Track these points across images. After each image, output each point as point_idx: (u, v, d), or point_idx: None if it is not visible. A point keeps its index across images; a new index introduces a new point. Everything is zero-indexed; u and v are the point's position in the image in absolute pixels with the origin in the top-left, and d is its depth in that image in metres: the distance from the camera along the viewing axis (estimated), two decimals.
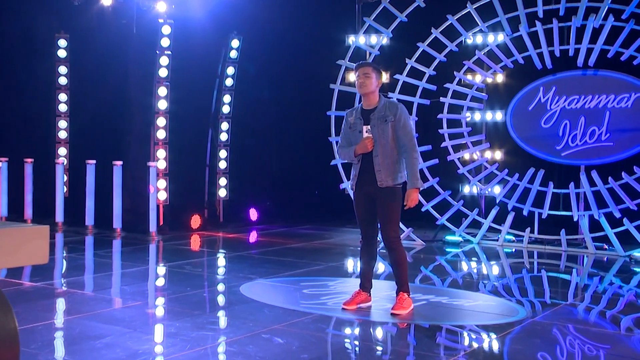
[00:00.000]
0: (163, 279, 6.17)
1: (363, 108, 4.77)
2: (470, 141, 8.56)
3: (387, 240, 4.74)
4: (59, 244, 8.08)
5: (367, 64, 4.74)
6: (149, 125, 8.87)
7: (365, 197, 4.75)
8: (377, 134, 4.65)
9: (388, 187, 4.66)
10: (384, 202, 4.66)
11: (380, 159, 4.65)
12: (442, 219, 8.49)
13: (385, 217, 4.68)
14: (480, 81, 8.54)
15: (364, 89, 4.68)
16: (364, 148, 4.65)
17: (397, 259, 4.78)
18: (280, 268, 6.51)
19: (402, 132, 4.64)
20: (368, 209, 4.77)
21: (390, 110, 4.67)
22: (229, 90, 9.72)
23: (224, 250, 7.98)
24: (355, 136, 4.74)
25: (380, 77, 4.74)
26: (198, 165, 9.61)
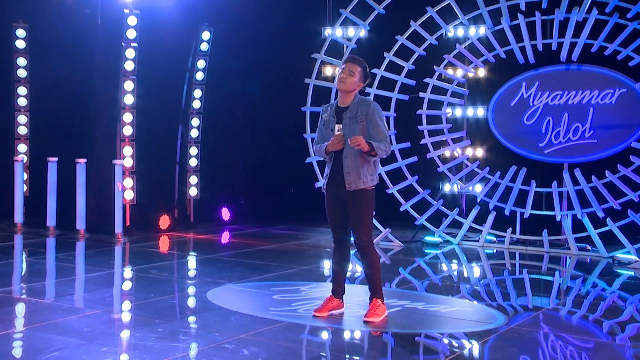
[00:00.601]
0: (126, 285, 6.07)
1: (338, 105, 4.71)
2: (450, 138, 8.53)
3: (359, 244, 4.69)
4: (18, 246, 7.92)
5: (358, 62, 4.63)
6: (114, 121, 8.72)
7: (336, 199, 4.70)
8: (348, 134, 4.60)
9: (358, 190, 4.59)
10: (354, 205, 4.62)
11: (349, 161, 4.59)
12: (421, 218, 8.47)
13: (357, 221, 4.63)
14: (461, 76, 8.52)
15: (342, 85, 4.60)
16: (333, 146, 4.60)
17: (370, 264, 4.73)
18: (251, 272, 6.44)
19: (374, 131, 4.58)
20: (339, 211, 4.71)
21: (361, 108, 4.61)
22: (199, 85, 9.60)
23: (193, 252, 7.89)
24: (329, 134, 4.70)
25: (365, 80, 4.65)
26: (167, 163, 9.48)
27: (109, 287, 5.79)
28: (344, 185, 4.60)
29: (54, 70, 9.00)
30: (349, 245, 4.84)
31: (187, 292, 5.63)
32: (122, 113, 8.67)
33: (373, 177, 4.67)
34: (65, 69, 8.95)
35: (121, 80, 8.62)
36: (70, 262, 7.01)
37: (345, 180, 4.59)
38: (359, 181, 4.60)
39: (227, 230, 9.47)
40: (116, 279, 6.27)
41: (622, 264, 7.28)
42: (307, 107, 8.72)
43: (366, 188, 4.63)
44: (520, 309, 5.41)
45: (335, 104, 4.74)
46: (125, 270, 6.73)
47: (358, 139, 4.42)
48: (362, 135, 4.56)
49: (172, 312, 4.91)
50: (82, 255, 7.48)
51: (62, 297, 5.36)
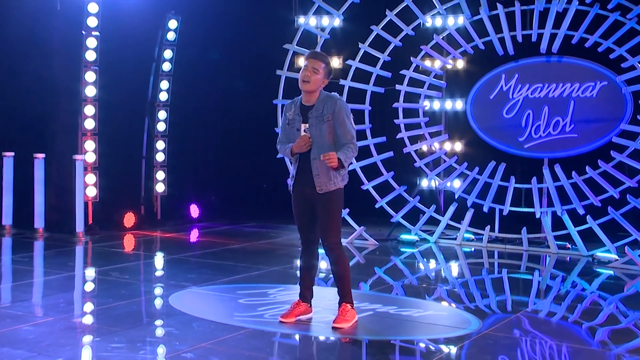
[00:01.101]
0: (84, 289, 5.92)
1: (302, 103, 4.62)
2: (427, 132, 8.49)
3: (328, 246, 4.63)
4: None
5: (320, 58, 4.55)
6: (75, 114, 8.54)
7: (303, 200, 4.64)
8: (315, 135, 4.53)
9: (328, 191, 4.53)
10: (323, 206, 4.56)
11: (318, 162, 4.53)
12: (397, 216, 8.43)
13: (326, 222, 4.57)
14: (438, 68, 8.48)
15: (306, 85, 4.52)
16: (299, 148, 4.54)
17: (338, 267, 4.67)
18: (218, 273, 6.34)
19: (341, 130, 4.51)
20: (307, 213, 4.65)
21: (328, 106, 4.52)
22: (166, 76, 9.45)
23: (159, 252, 7.77)
24: (293, 133, 4.62)
25: (329, 76, 4.58)
26: (132, 158, 9.34)
27: (65, 291, 5.64)
28: (314, 186, 4.53)
29: (10, 58, 8.77)
30: (317, 248, 4.78)
31: (149, 297, 5.52)
32: (83, 105, 8.49)
33: (344, 177, 4.62)
34: (22, 57, 8.73)
35: (82, 71, 8.44)
36: (25, 264, 6.84)
37: (315, 183, 4.52)
38: (330, 183, 4.54)
39: (196, 228, 9.36)
40: (74, 282, 6.11)
41: (602, 262, 7.29)
42: (279, 99, 8.62)
43: (336, 189, 4.57)
44: (497, 312, 5.38)
45: (299, 102, 4.65)
46: (84, 272, 6.58)
47: (331, 156, 4.35)
48: (329, 135, 4.50)
49: (130, 319, 4.79)
50: (40, 256, 7.33)
51: (14, 303, 5.22)
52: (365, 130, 8.49)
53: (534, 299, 5.88)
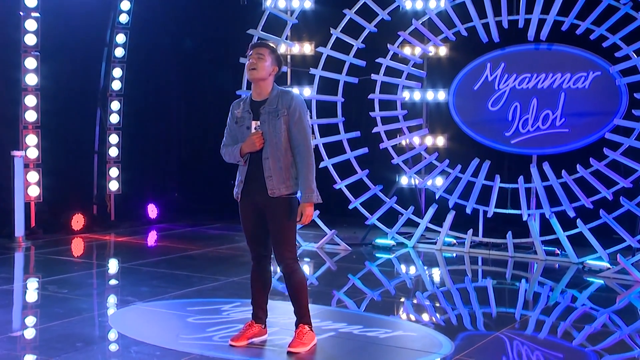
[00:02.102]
0: (12, 306, 5.65)
1: (252, 99, 4.47)
2: (406, 126, 8.36)
3: (282, 262, 4.46)
4: None
5: (263, 45, 4.49)
6: (14, 105, 8.26)
7: (253, 209, 4.46)
8: (268, 132, 4.38)
9: (281, 197, 4.35)
10: (275, 215, 4.38)
11: (271, 162, 4.36)
12: (372, 218, 8.28)
13: (279, 234, 4.40)
14: (418, 56, 8.32)
15: (254, 73, 4.38)
16: (251, 146, 4.37)
17: (293, 286, 4.51)
18: (169, 285, 6.15)
19: (296, 128, 4.37)
20: (258, 224, 4.48)
21: (283, 101, 4.40)
22: (119, 63, 9.22)
23: (107, 260, 7.56)
24: (243, 132, 4.46)
25: (278, 64, 4.45)
26: (82, 154, 9.12)
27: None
28: (265, 191, 4.37)
29: None
30: (270, 263, 4.61)
31: (86, 315, 5.27)
32: (23, 95, 8.22)
33: (297, 180, 4.45)
34: None
35: (21, 57, 8.13)
36: None
37: (267, 186, 4.36)
38: (283, 186, 4.37)
39: (154, 230, 9.18)
40: (2, 298, 5.82)
41: (593, 271, 7.15)
42: (243, 90, 8.39)
43: (290, 195, 4.39)
44: (474, 330, 5.21)
45: (248, 98, 4.51)
46: (16, 286, 6.31)
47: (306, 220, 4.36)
48: (284, 132, 4.34)
49: (60, 344, 4.54)
50: None
51: None
52: (338, 124, 8.34)
53: (519, 313, 5.73)
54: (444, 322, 5.40)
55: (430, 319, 5.52)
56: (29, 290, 6.11)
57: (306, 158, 4.35)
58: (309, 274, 7.24)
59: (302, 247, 7.99)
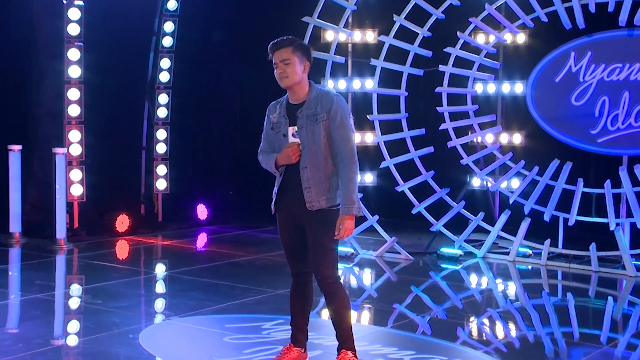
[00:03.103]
0: (39, 319, 5.61)
1: (289, 102, 4.34)
2: (477, 122, 8.14)
3: (322, 281, 4.31)
4: None
5: (283, 45, 4.25)
6: (58, 99, 8.35)
7: (291, 222, 4.34)
8: (307, 138, 4.23)
9: (321, 209, 4.20)
10: (315, 230, 4.24)
11: (309, 172, 4.22)
12: (437, 224, 8.08)
13: (318, 250, 4.26)
14: (491, 45, 8.08)
15: (286, 82, 4.25)
16: (286, 159, 4.25)
17: (335, 308, 4.34)
18: (210, 297, 6.09)
19: (338, 134, 4.21)
20: (296, 238, 4.35)
21: (322, 104, 4.23)
22: (167, 53, 9.21)
23: (148, 266, 7.56)
24: (279, 140, 4.33)
25: (307, 57, 4.27)
26: (128, 150, 9.18)
27: (17, 323, 5.43)
28: (303, 204, 4.22)
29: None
30: (311, 281, 4.46)
31: (117, 331, 5.22)
32: (66, 89, 8.30)
33: (339, 192, 4.28)
34: (1, 28, 8.63)
35: (64, 47, 8.22)
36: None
37: (305, 198, 4.22)
38: (323, 198, 4.22)
39: (203, 232, 9.18)
40: (32, 310, 5.85)
41: None
42: None
43: (332, 207, 4.24)
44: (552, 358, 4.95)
45: (285, 101, 4.37)
46: (51, 294, 6.32)
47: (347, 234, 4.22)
48: (324, 139, 4.19)
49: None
50: (5, 271, 7.14)
51: None
52: (401, 120, 8.16)
53: (605, 336, 5.48)
54: (517, 347, 5.17)
55: (499, 344, 5.27)
56: (63, 300, 6.13)
57: (348, 166, 4.19)
58: (367, 284, 7.14)
59: (359, 255, 7.85)
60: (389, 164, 8.12)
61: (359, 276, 7.36)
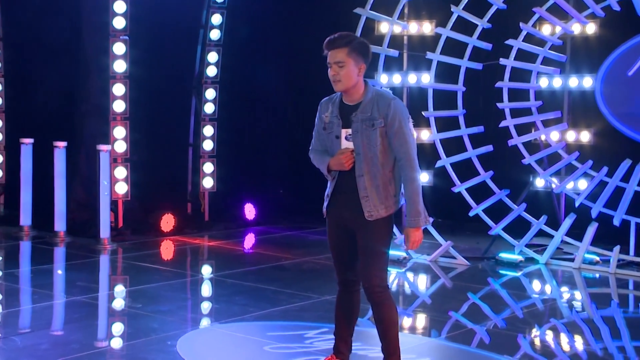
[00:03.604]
0: (79, 323, 5.66)
1: (343, 102, 4.26)
2: (540, 119, 7.96)
3: (370, 289, 4.23)
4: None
5: (338, 44, 4.13)
6: (102, 94, 8.46)
7: (341, 227, 4.28)
8: (362, 144, 4.15)
9: (380, 219, 4.16)
10: (367, 236, 4.17)
11: (367, 180, 4.15)
12: (496, 227, 7.92)
13: (368, 256, 4.19)
14: (557, 36, 7.88)
15: (339, 86, 4.16)
16: (339, 166, 4.19)
17: (382, 319, 4.25)
18: (253, 303, 6.07)
19: (397, 140, 4.13)
20: (346, 244, 4.29)
21: (379, 108, 4.14)
22: (215, 46, 9.22)
23: (191, 269, 7.57)
24: (332, 142, 4.26)
25: (363, 58, 4.16)
26: (174, 147, 9.22)
27: (53, 326, 5.49)
28: (359, 211, 4.17)
29: (35, 25, 8.81)
30: (359, 290, 4.39)
31: (155, 337, 5.23)
32: (111, 84, 8.39)
33: (397, 198, 4.25)
34: (47, 24, 8.77)
35: (110, 42, 8.31)
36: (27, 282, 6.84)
37: (364, 208, 4.16)
38: (382, 207, 4.17)
39: (250, 233, 9.21)
40: (70, 313, 5.94)
41: None
42: None
43: (389, 215, 4.21)
44: None
45: (338, 99, 4.28)
46: (92, 296, 6.38)
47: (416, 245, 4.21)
48: (380, 145, 4.11)
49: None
50: (49, 272, 7.26)
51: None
52: (458, 117, 8.04)
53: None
54: None
55: (565, 359, 5.14)
56: (103, 303, 6.19)
57: (410, 174, 4.12)
58: (420, 291, 7.06)
59: (412, 260, 7.76)
60: (445, 163, 8.00)
61: (412, 282, 7.28)
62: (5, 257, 7.91)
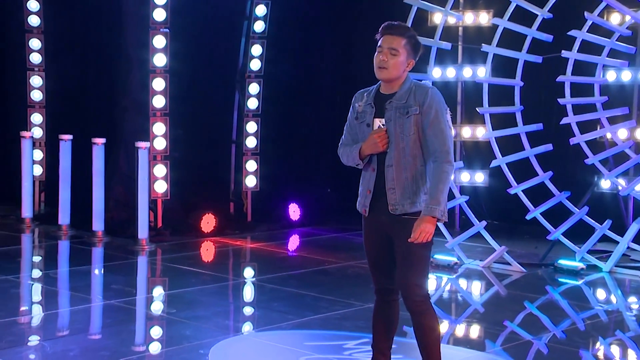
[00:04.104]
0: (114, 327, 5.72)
1: (379, 91, 4.22)
2: (606, 116, 7.77)
3: (409, 299, 4.12)
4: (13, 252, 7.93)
5: (397, 32, 4.12)
6: (142, 89, 8.52)
7: (377, 230, 4.20)
8: (394, 133, 4.09)
9: (405, 215, 4.05)
10: (402, 239, 4.06)
11: (395, 171, 4.07)
12: (556, 232, 7.75)
13: (406, 263, 4.09)
14: (626, 26, 7.68)
15: (383, 73, 4.11)
16: (373, 146, 4.10)
17: (422, 330, 4.14)
18: (292, 310, 6.04)
19: (432, 131, 4.05)
20: (382, 248, 4.21)
21: (416, 97, 4.08)
22: (259, 39, 9.23)
23: (230, 272, 7.57)
24: (363, 131, 4.21)
25: (414, 55, 4.14)
26: (216, 144, 9.28)
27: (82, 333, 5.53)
28: (387, 207, 4.08)
29: (75, 16, 8.95)
30: (397, 298, 4.30)
31: (187, 345, 5.22)
32: (151, 78, 8.44)
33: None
34: (87, 17, 8.89)
35: (149, 34, 8.36)
36: (62, 283, 6.92)
37: (388, 200, 4.08)
38: (407, 202, 4.07)
39: (295, 234, 9.21)
40: (103, 316, 6.00)
41: None
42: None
43: (420, 214, 4.05)
44: None
45: (375, 90, 4.24)
46: (127, 300, 6.40)
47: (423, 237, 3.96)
48: (414, 135, 4.04)
49: None
50: (85, 273, 7.33)
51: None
52: (515, 114, 7.90)
53: None
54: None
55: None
56: (138, 308, 6.22)
57: (441, 166, 4.00)
58: (472, 299, 6.94)
59: (463, 265, 7.63)
60: (500, 162, 7.86)
61: (463, 289, 7.17)
62: (44, 257, 8.04)
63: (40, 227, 8.93)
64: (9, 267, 7.23)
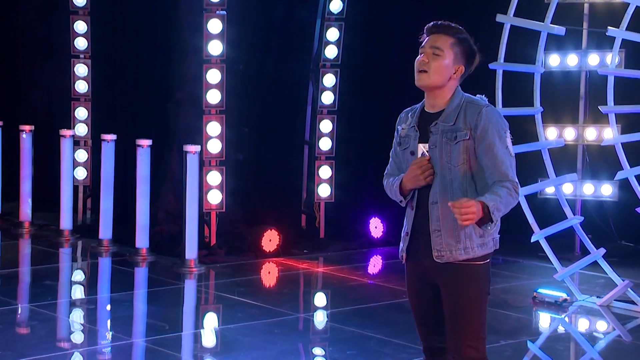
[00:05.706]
0: None
1: (424, 110, 4.08)
2: None
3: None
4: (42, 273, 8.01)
5: (443, 30, 4.03)
6: (195, 82, 8.53)
7: (422, 279, 4.09)
8: (440, 163, 3.94)
9: (454, 263, 3.91)
10: (450, 290, 4.00)
11: (441, 209, 3.91)
12: None
13: (456, 320, 4.00)
14: None
15: (423, 78, 3.99)
16: (414, 179, 3.97)
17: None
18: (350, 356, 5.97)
19: (489, 159, 3.89)
20: (428, 300, 4.12)
21: (467, 117, 3.95)
22: (336, 21, 9.10)
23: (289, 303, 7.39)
24: (407, 159, 4.08)
25: (465, 61, 4.01)
26: (284, 147, 9.27)
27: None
28: (430, 253, 3.96)
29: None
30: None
31: None
32: (205, 69, 8.39)
33: (486, 240, 3.95)
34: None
35: (204, 18, 8.32)
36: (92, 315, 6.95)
37: (433, 245, 3.95)
38: (457, 247, 3.92)
39: (376, 255, 9.10)
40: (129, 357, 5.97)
41: None
42: (499, 63, 7.76)
43: (472, 260, 3.92)
44: None
45: (419, 109, 4.09)
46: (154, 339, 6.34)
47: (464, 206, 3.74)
48: (464, 165, 3.90)
49: None
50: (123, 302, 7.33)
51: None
52: None
53: None
54: None
55: None
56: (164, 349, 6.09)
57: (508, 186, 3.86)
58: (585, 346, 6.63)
59: (576, 303, 7.27)
60: (628, 175, 7.39)
61: (574, 333, 6.91)
62: (83, 280, 8.14)
63: (80, 241, 9.01)
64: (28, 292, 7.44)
